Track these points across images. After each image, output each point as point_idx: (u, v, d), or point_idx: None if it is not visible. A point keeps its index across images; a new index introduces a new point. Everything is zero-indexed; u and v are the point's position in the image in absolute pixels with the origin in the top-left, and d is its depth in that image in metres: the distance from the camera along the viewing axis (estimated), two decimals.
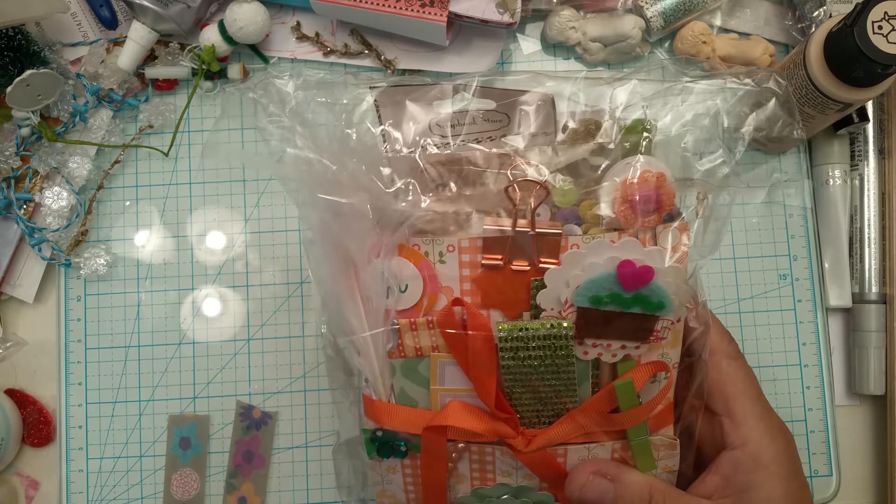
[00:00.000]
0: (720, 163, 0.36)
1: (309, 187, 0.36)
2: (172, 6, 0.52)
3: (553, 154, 0.35)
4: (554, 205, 0.35)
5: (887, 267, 0.53)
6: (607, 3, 0.54)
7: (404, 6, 0.50)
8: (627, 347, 0.35)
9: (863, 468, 0.54)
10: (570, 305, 0.34)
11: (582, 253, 0.34)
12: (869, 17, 0.42)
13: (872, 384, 0.52)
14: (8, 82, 0.50)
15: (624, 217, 0.34)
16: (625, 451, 0.38)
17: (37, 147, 0.54)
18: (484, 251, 0.35)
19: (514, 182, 0.34)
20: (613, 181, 0.34)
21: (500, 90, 0.36)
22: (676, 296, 0.34)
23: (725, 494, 0.38)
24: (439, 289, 0.36)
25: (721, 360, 0.39)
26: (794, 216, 0.55)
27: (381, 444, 0.39)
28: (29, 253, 0.55)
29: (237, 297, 0.55)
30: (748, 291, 0.54)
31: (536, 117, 0.36)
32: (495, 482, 0.39)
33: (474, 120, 0.37)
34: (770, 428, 0.38)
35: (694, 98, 0.36)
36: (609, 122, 0.36)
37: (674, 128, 0.36)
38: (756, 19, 0.56)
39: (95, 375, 0.54)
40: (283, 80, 0.38)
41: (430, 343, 0.36)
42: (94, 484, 0.53)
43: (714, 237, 0.37)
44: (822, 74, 0.46)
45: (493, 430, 0.36)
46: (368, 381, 0.38)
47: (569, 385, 0.36)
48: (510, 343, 0.34)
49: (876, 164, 0.54)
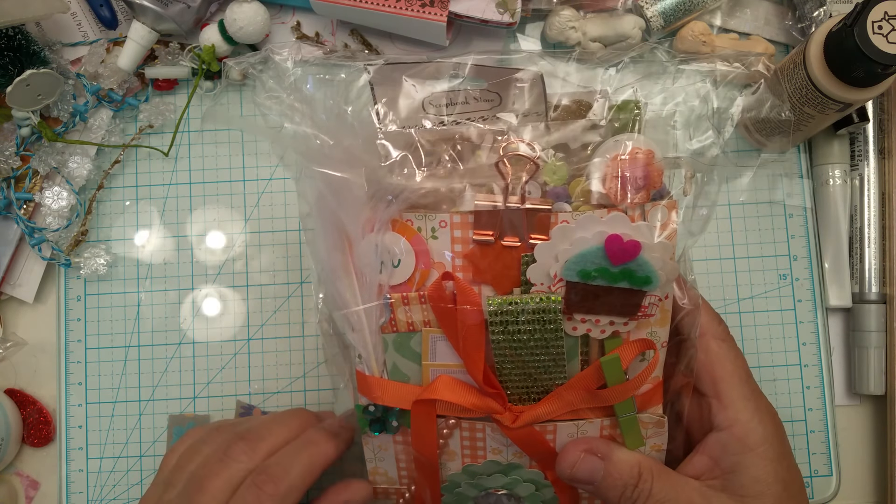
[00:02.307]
0: (709, 143, 0.36)
1: (306, 160, 0.37)
2: (172, 6, 0.52)
3: (545, 130, 0.36)
4: (544, 183, 0.36)
5: (887, 267, 0.53)
6: (607, 3, 0.54)
7: (404, 6, 0.50)
8: (616, 323, 0.35)
9: (863, 468, 0.54)
10: (559, 280, 0.34)
11: (571, 227, 0.34)
12: (869, 17, 0.42)
13: (872, 384, 0.52)
14: (8, 82, 0.50)
15: (613, 193, 0.34)
16: (614, 429, 0.38)
17: (37, 147, 0.54)
18: (475, 227, 0.35)
19: (504, 157, 0.34)
20: (604, 157, 0.35)
21: (494, 69, 0.37)
22: (663, 271, 0.34)
23: (714, 475, 0.38)
24: (431, 264, 0.36)
25: (710, 341, 0.39)
26: (794, 216, 0.55)
27: (373, 419, 0.39)
28: (29, 253, 0.55)
29: (237, 297, 0.55)
30: (748, 291, 0.54)
31: (529, 95, 0.37)
32: (486, 459, 0.39)
33: (466, 99, 0.37)
34: (758, 410, 0.38)
35: (684, 80, 0.37)
36: (601, 101, 0.36)
37: (664, 108, 0.36)
38: (756, 19, 0.56)
39: (95, 375, 0.54)
40: (282, 56, 0.38)
41: (421, 318, 0.37)
42: (94, 484, 0.53)
43: (703, 217, 0.37)
44: (822, 74, 0.46)
45: (480, 406, 0.37)
46: (362, 357, 0.38)
47: (558, 361, 0.36)
48: (500, 317, 0.35)
49: (876, 164, 0.54)
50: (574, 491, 0.40)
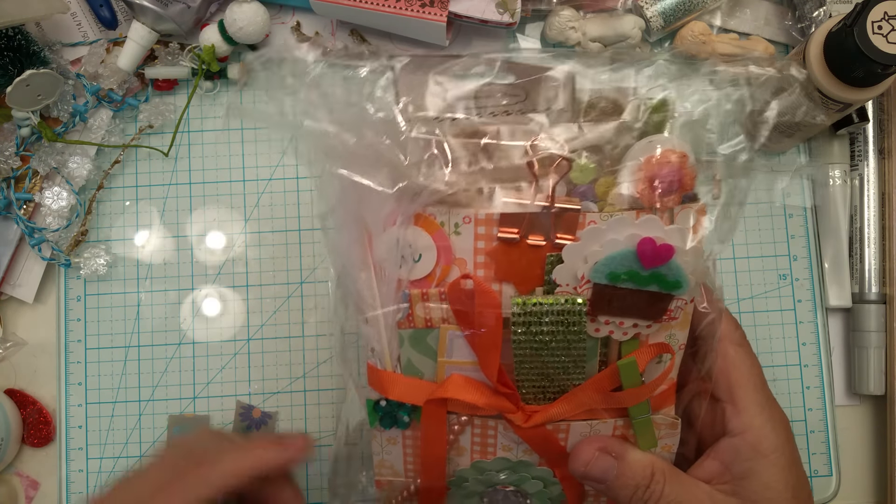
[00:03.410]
0: (740, 148, 0.36)
1: (329, 159, 0.36)
2: (172, 6, 0.52)
3: (578, 131, 0.35)
4: (570, 181, 0.35)
5: (887, 267, 0.53)
6: (607, 3, 0.54)
7: (404, 6, 0.50)
8: (639, 326, 0.35)
9: (863, 468, 0.54)
10: (586, 282, 0.34)
11: (602, 229, 0.34)
12: (869, 17, 0.42)
13: (872, 384, 0.52)
14: (8, 82, 0.50)
15: (644, 196, 0.34)
16: (626, 429, 0.38)
17: (37, 147, 0.54)
18: (500, 224, 0.35)
19: (536, 156, 0.34)
20: (637, 160, 0.34)
21: (524, 66, 0.36)
22: (694, 275, 0.34)
23: (724, 480, 0.38)
24: (453, 260, 0.36)
25: (728, 346, 0.39)
26: (794, 216, 0.55)
27: (383, 413, 0.39)
28: (29, 253, 0.55)
29: (237, 297, 0.55)
30: (748, 291, 0.54)
31: (559, 96, 0.36)
32: (496, 456, 0.39)
33: (492, 95, 0.37)
34: (772, 418, 0.38)
35: (718, 82, 0.36)
36: (634, 102, 0.35)
37: (696, 110, 0.36)
38: (756, 19, 0.56)
39: (95, 375, 0.54)
40: (301, 51, 0.37)
41: (440, 315, 0.36)
42: (94, 484, 0.53)
43: (731, 222, 0.36)
44: (822, 74, 0.46)
45: (493, 405, 0.36)
46: (375, 351, 0.38)
47: (578, 362, 0.36)
48: (523, 318, 0.34)
49: (876, 164, 0.54)
50: (581, 489, 0.40)
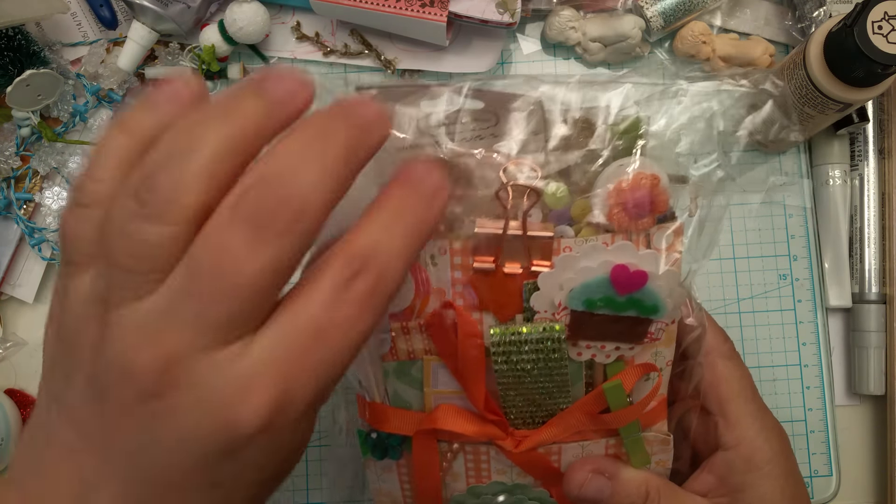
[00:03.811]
0: (715, 166, 0.36)
1: None
2: (172, 6, 0.52)
3: (546, 160, 0.35)
4: (545, 204, 0.35)
5: (887, 267, 0.53)
6: (607, 3, 0.54)
7: (404, 6, 0.50)
8: (621, 349, 0.35)
9: (863, 468, 0.54)
10: (563, 308, 0.34)
11: (575, 256, 0.33)
12: (869, 17, 0.42)
13: (872, 384, 0.52)
14: (8, 82, 0.50)
15: (617, 221, 0.34)
16: (619, 447, 0.38)
17: (37, 147, 0.54)
18: (475, 254, 0.34)
19: (505, 186, 0.34)
20: (606, 187, 0.34)
21: (493, 93, 0.36)
22: (671, 298, 0.34)
23: (720, 493, 0.38)
24: (431, 291, 0.35)
25: (716, 360, 0.39)
26: (794, 216, 0.55)
27: (374, 444, 0.39)
28: (29, 253, 0.55)
29: None
30: (748, 291, 0.54)
31: (528, 122, 0.36)
32: (491, 480, 0.39)
33: (461, 120, 0.36)
34: (765, 429, 0.38)
35: (689, 100, 0.36)
36: (602, 127, 0.35)
37: (668, 131, 0.36)
38: (756, 19, 0.56)
39: None
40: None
41: (422, 346, 0.36)
42: None
43: (709, 239, 0.36)
44: (822, 74, 0.46)
45: (482, 433, 0.36)
46: (362, 384, 0.38)
47: (562, 387, 0.35)
48: (502, 347, 0.34)
49: (876, 164, 0.54)
50: None
